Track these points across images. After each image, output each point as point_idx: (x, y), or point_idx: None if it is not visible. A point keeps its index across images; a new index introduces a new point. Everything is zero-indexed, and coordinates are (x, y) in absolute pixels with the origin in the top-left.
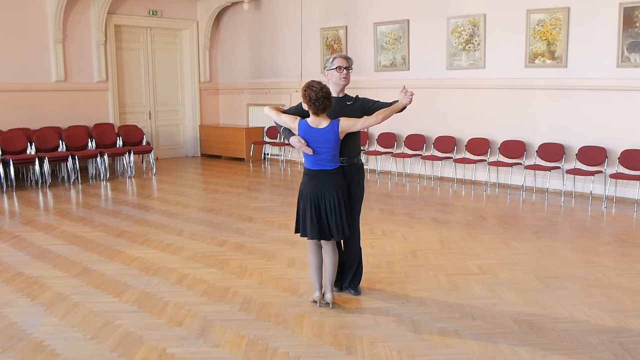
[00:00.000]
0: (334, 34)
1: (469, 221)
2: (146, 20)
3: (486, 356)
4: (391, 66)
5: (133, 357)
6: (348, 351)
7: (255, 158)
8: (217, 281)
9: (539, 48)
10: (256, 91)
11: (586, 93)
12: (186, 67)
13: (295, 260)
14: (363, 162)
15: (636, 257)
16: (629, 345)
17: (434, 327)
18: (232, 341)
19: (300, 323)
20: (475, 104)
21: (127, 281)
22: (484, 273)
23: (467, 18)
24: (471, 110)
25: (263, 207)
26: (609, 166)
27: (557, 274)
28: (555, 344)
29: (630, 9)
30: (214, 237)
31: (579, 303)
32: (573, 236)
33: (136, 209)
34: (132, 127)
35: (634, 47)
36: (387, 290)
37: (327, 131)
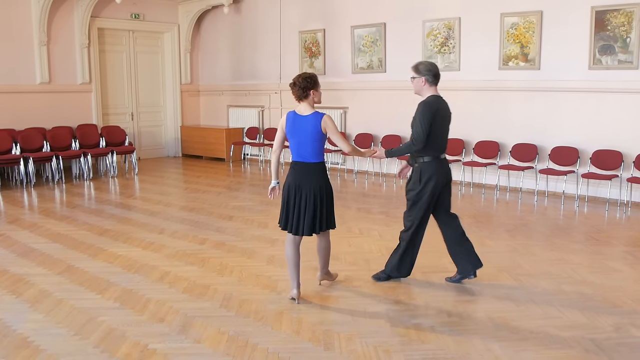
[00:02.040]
0: (312, 37)
1: None
2: (129, 23)
3: (461, 352)
4: (368, 68)
5: (116, 352)
6: (326, 347)
7: (235, 158)
8: (198, 279)
9: (513, 51)
10: (236, 93)
11: (559, 95)
12: (168, 69)
13: (275, 258)
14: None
15: (607, 255)
16: (601, 341)
17: (409, 323)
18: (212, 337)
19: (279, 319)
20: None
21: (109, 278)
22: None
23: (442, 21)
24: None
25: (243, 206)
26: (581, 166)
27: (531, 272)
28: (528, 340)
29: (601, 13)
30: (195, 236)
31: (552, 300)
32: (546, 235)
33: (119, 208)
34: (114, 128)
35: (606, 50)
36: (364, 288)
37: (308, 120)
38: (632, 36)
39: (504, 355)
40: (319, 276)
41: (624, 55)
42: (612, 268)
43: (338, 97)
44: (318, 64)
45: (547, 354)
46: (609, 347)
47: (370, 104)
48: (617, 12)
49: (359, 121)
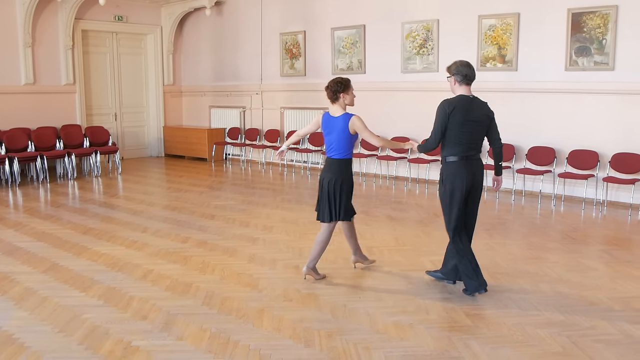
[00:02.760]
0: (293, 38)
1: (422, 219)
2: (112, 25)
3: (439, 349)
4: (348, 69)
5: (99, 349)
6: (306, 344)
7: (217, 158)
8: (181, 277)
9: (491, 52)
10: (218, 93)
11: (536, 95)
12: (151, 71)
13: (256, 256)
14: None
15: (584, 253)
16: (577, 338)
17: (389, 320)
18: (194, 334)
19: (261, 317)
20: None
21: (93, 276)
22: (437, 268)
23: (421, 23)
24: (425, 112)
25: (224, 206)
26: (558, 166)
27: (508, 270)
28: (506, 337)
29: (578, 15)
30: (178, 234)
31: (529, 297)
32: (523, 233)
33: (102, 207)
34: (98, 128)
35: (582, 51)
36: (344, 285)
37: (338, 120)
38: (608, 38)
39: (482, 352)
40: (352, 259)
41: (599, 57)
42: (589, 266)
43: (318, 97)
44: (299, 65)
45: (525, 351)
46: (585, 344)
47: None
48: (593, 14)
49: None
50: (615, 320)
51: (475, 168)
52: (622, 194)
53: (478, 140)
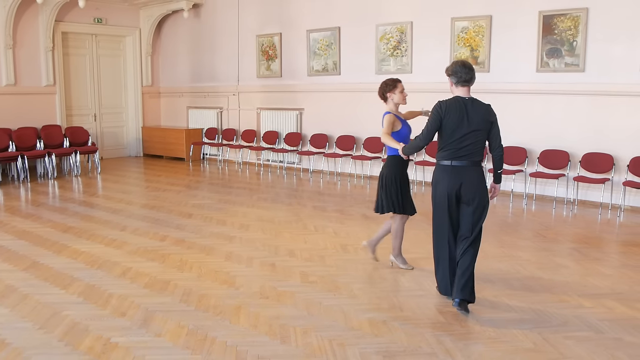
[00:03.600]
0: (269, 40)
1: None
2: (91, 27)
3: (413, 345)
4: (323, 71)
5: (79, 345)
6: (282, 340)
7: (195, 158)
8: (159, 274)
9: (463, 54)
10: (195, 94)
11: (508, 96)
12: (129, 72)
13: (232, 254)
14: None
15: (554, 251)
16: (548, 335)
17: (363, 317)
18: (172, 331)
19: (237, 314)
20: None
21: (73, 274)
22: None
23: (395, 25)
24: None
25: (202, 204)
26: (529, 165)
27: (480, 268)
28: (479, 334)
29: (549, 17)
30: (156, 233)
31: (501, 295)
32: (495, 231)
33: (82, 206)
34: (78, 129)
35: (553, 53)
36: (319, 283)
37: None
38: (579, 40)
39: (455, 348)
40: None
41: (570, 58)
42: (560, 264)
43: (294, 98)
44: (275, 66)
45: (496, 347)
46: (556, 340)
47: (325, 105)
48: (564, 17)
49: (314, 122)
50: (585, 316)
51: (465, 175)
52: (593, 193)
53: (472, 146)
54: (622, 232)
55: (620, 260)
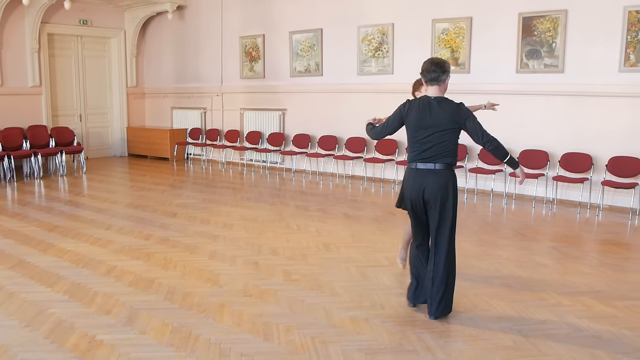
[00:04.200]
0: (252, 42)
1: (378, 217)
2: (77, 29)
3: (394, 342)
4: (306, 72)
5: (65, 343)
6: (265, 338)
7: (179, 158)
8: (143, 272)
9: (444, 55)
10: (180, 95)
11: (487, 97)
12: (114, 73)
13: (216, 253)
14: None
15: (534, 250)
16: (527, 332)
17: (345, 315)
18: (157, 328)
19: (221, 312)
20: (384, 108)
21: (59, 272)
22: (393, 265)
23: (376, 27)
24: (380, 113)
25: (186, 204)
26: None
27: (460, 266)
28: (459, 331)
29: (528, 19)
30: (140, 232)
31: (481, 293)
32: (475, 230)
33: (68, 205)
34: (64, 129)
35: (532, 54)
36: (302, 281)
37: None
38: (558, 41)
39: (435, 345)
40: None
41: (549, 60)
42: (539, 263)
43: (277, 99)
44: (258, 67)
45: (477, 345)
46: (535, 338)
47: (308, 106)
48: (543, 18)
49: (296, 122)
50: (564, 314)
51: (430, 179)
52: (572, 192)
53: (438, 147)
54: (601, 231)
55: (599, 258)
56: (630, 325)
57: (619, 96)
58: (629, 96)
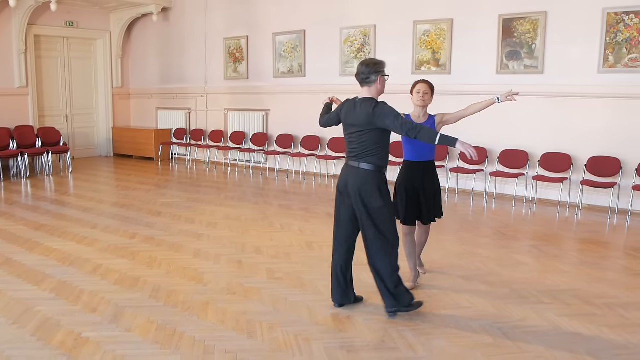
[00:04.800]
0: (236, 43)
1: None
2: (63, 30)
3: (376, 340)
4: (289, 73)
5: (51, 340)
6: (249, 335)
7: (164, 157)
8: (129, 271)
9: (425, 56)
10: (164, 96)
11: (468, 98)
12: (100, 74)
13: (201, 251)
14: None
15: (514, 248)
16: (507, 330)
17: (328, 313)
18: (142, 326)
19: (205, 310)
20: None
21: (45, 271)
22: None
23: (358, 28)
24: None
25: (171, 203)
26: (490, 165)
27: (442, 264)
28: (440, 329)
29: (508, 21)
30: (126, 230)
31: (462, 291)
32: (456, 229)
33: (54, 205)
34: (50, 129)
35: (512, 56)
36: (285, 279)
37: (427, 125)
38: (537, 43)
39: (417, 342)
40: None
41: (529, 61)
42: (519, 261)
43: (260, 100)
44: (242, 68)
45: (458, 342)
46: (515, 335)
47: (291, 106)
48: (523, 20)
49: (280, 123)
50: (544, 312)
51: (349, 175)
52: (551, 191)
53: (360, 146)
54: (580, 230)
55: (578, 257)
56: (609, 323)
57: (598, 97)
58: (607, 97)
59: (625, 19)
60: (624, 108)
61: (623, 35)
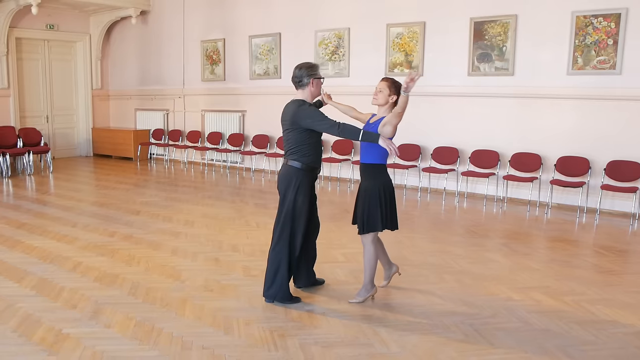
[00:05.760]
0: (213, 45)
1: (334, 214)
2: (44, 33)
3: (350, 336)
4: (265, 75)
5: (32, 336)
6: (226, 331)
7: (142, 157)
8: (108, 268)
9: (398, 58)
10: (143, 97)
11: (440, 99)
12: (80, 76)
13: (178, 249)
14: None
15: (485, 246)
16: (479, 326)
17: (303, 309)
18: (121, 322)
19: (183, 306)
20: None
21: (27, 268)
22: (349, 261)
23: (333, 31)
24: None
25: (149, 202)
26: (461, 165)
27: (414, 262)
28: (412, 325)
29: (479, 24)
30: (105, 229)
31: (434, 288)
32: (428, 228)
33: (35, 204)
34: (31, 130)
35: (484, 58)
36: (261, 277)
37: (375, 124)
38: (508, 45)
39: (390, 339)
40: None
41: (500, 63)
42: (490, 259)
43: (237, 101)
44: (218, 70)
45: (430, 338)
46: (486, 331)
47: (267, 107)
48: (494, 23)
49: (256, 123)
50: (514, 309)
51: (282, 171)
52: (521, 191)
53: (287, 144)
54: (549, 228)
55: (548, 255)
56: (577, 319)
57: (567, 98)
58: (576, 98)
59: (594, 21)
60: (592, 109)
61: (592, 38)
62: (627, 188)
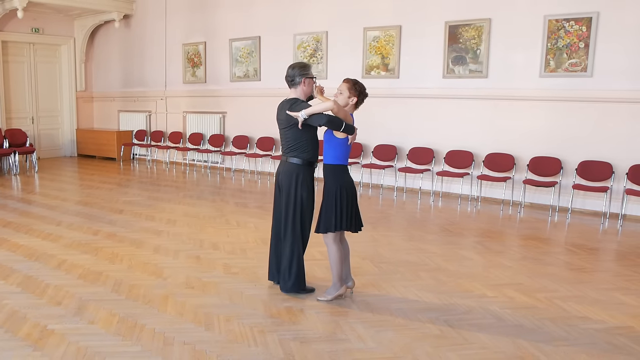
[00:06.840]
0: (194, 48)
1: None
2: (29, 37)
3: (327, 332)
4: (245, 77)
5: (18, 332)
6: (207, 327)
7: (125, 158)
8: (92, 266)
9: (375, 61)
10: (126, 99)
11: (416, 101)
12: (65, 78)
13: (160, 247)
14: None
15: (459, 244)
16: (453, 322)
17: (282, 306)
18: (104, 319)
19: (165, 303)
20: None
21: (12, 266)
22: (326, 259)
23: (311, 35)
24: None
25: (132, 201)
26: (436, 165)
27: (390, 260)
28: (389, 321)
29: (454, 27)
30: (89, 227)
31: (410, 285)
32: (404, 226)
33: (21, 203)
34: (17, 131)
35: (458, 61)
36: (241, 274)
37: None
38: (482, 48)
39: (367, 334)
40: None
41: (474, 66)
42: (464, 256)
43: (217, 102)
44: (200, 73)
45: (406, 334)
46: (461, 327)
47: (247, 109)
48: (468, 27)
49: (236, 124)
50: (488, 305)
51: (282, 168)
52: (495, 190)
53: (286, 142)
54: (522, 227)
55: (520, 252)
56: (550, 316)
57: (540, 100)
58: (548, 100)
59: (565, 25)
60: (564, 110)
61: (564, 41)
62: (598, 188)
